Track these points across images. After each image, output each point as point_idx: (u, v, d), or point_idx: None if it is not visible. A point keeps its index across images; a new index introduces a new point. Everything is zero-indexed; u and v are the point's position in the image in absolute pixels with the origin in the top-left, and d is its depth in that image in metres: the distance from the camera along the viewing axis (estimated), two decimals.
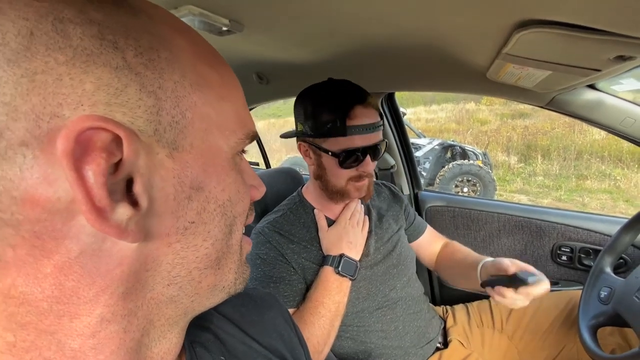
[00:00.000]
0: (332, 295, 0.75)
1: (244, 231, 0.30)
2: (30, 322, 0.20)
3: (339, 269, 0.76)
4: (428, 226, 1.10)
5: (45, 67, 0.18)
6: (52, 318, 0.21)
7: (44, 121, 0.18)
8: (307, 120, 0.80)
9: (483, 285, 0.79)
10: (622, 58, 0.52)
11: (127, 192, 0.21)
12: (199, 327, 0.34)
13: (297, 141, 0.86)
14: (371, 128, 0.77)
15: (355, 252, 0.81)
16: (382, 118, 0.82)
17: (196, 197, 0.24)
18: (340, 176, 0.81)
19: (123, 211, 0.20)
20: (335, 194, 0.84)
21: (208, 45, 0.27)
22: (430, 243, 1.08)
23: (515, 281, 0.71)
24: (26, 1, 0.18)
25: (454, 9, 0.54)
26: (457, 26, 0.61)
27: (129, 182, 0.21)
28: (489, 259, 0.85)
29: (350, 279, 0.78)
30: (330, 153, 0.77)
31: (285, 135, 0.90)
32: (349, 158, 0.77)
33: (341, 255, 0.78)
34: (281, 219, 0.86)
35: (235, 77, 0.29)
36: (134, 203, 0.21)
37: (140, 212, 0.21)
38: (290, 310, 0.78)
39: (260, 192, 0.33)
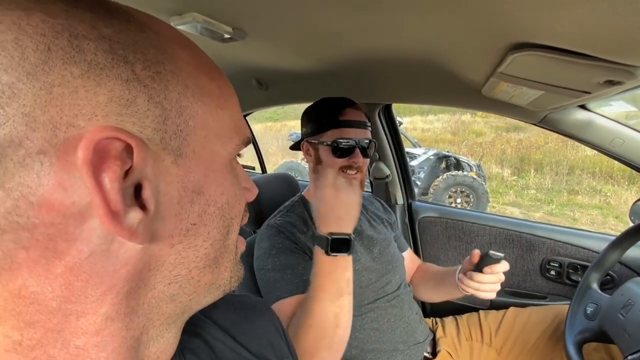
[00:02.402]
0: (330, 275, 0.70)
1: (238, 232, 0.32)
2: (39, 321, 0.21)
3: (329, 249, 0.70)
4: (409, 248, 1.17)
5: (62, 80, 0.19)
6: (60, 317, 0.21)
7: (61, 131, 0.19)
8: (309, 122, 0.95)
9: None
10: (610, 82, 0.54)
11: (136, 197, 0.22)
12: (190, 334, 0.35)
13: (302, 143, 0.97)
14: (360, 125, 0.92)
15: (346, 225, 0.72)
16: (371, 126, 0.96)
17: (198, 201, 0.26)
18: (334, 165, 0.90)
19: (134, 215, 0.22)
20: None
21: (207, 57, 0.29)
22: (409, 262, 1.12)
23: (482, 260, 0.78)
24: (42, 18, 0.20)
25: (452, 28, 0.55)
26: (455, 44, 0.62)
27: (137, 188, 0.22)
28: None
29: (346, 255, 0.71)
30: (325, 143, 0.90)
31: (293, 147, 1.02)
32: (341, 147, 0.89)
33: (330, 234, 0.70)
34: (286, 214, 0.94)
35: (231, 86, 0.30)
36: (142, 207, 0.22)
37: (148, 215, 0.23)
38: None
39: (253, 194, 0.35)
